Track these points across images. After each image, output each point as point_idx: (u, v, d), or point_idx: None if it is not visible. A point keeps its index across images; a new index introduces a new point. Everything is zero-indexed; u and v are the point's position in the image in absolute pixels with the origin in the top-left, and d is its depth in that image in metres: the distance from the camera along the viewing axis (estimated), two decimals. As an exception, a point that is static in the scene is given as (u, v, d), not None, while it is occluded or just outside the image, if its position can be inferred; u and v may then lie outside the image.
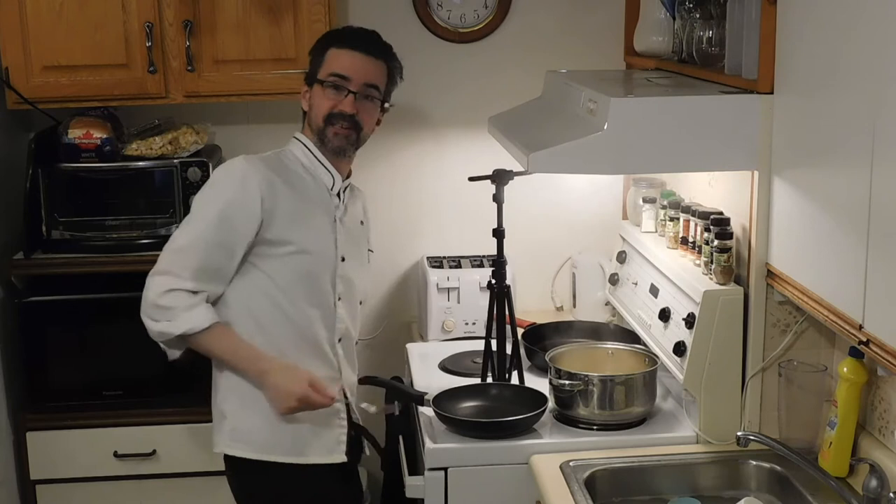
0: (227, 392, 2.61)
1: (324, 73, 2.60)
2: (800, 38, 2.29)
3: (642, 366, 2.82)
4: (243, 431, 2.60)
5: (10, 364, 3.27)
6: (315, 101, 2.63)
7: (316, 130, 2.63)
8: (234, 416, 2.60)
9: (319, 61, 2.62)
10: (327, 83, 2.59)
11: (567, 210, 3.61)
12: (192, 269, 2.52)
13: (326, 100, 2.60)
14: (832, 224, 2.15)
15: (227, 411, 2.61)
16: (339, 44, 2.63)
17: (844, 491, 2.30)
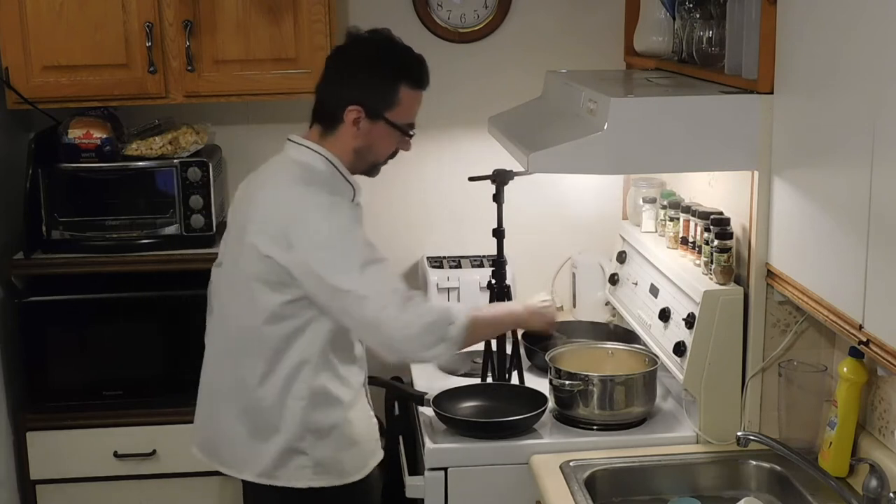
0: (302, 430, 2.48)
1: (400, 117, 2.48)
2: (800, 38, 2.29)
3: (642, 366, 2.83)
4: (326, 464, 2.50)
5: (10, 364, 3.26)
6: (379, 140, 2.50)
7: (367, 162, 2.54)
8: (315, 451, 2.49)
9: (391, 98, 2.47)
10: (407, 133, 2.51)
11: (567, 210, 3.61)
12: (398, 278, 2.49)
13: (394, 143, 2.53)
14: (832, 224, 2.15)
15: (304, 448, 2.48)
16: (413, 84, 2.49)
17: (844, 491, 2.30)
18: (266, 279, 2.43)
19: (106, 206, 3.25)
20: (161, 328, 3.21)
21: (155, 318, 3.21)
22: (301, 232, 2.39)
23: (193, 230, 3.24)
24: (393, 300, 2.39)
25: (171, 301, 3.20)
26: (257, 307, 2.45)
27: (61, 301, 3.22)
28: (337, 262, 2.39)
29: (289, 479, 2.51)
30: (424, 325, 2.41)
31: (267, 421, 2.49)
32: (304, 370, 2.46)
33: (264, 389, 2.48)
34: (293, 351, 2.45)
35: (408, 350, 2.45)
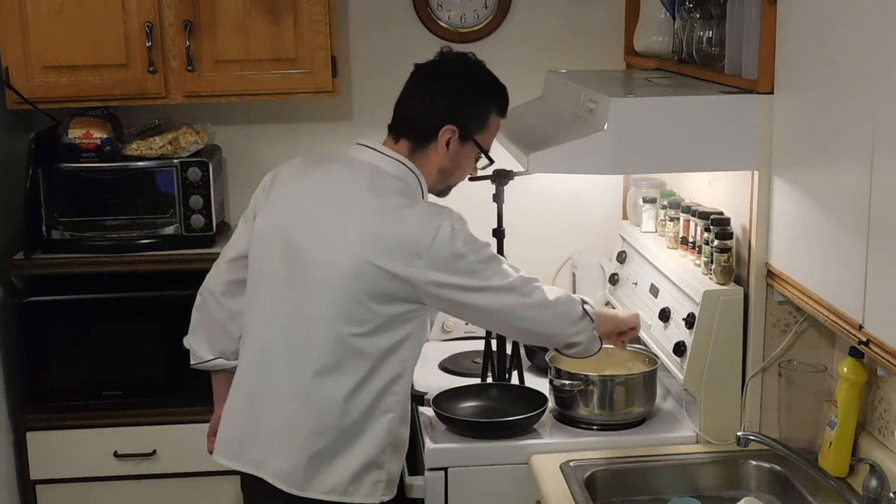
0: (385, 444, 2.40)
1: (486, 141, 2.48)
2: (800, 38, 2.29)
3: (642, 366, 2.83)
4: (394, 476, 2.46)
5: (10, 364, 3.26)
6: (464, 162, 2.48)
7: (447, 184, 2.52)
8: (390, 465, 2.42)
9: (482, 122, 2.46)
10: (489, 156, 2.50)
11: (567, 210, 3.61)
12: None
13: (472, 166, 2.52)
14: (832, 224, 2.15)
15: (384, 462, 2.41)
16: (501, 112, 2.51)
17: (844, 491, 2.30)
18: (375, 293, 2.32)
19: (106, 206, 3.25)
20: (161, 328, 3.21)
21: (155, 318, 3.21)
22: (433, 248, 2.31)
23: (193, 230, 3.24)
24: (538, 287, 2.45)
25: (171, 301, 3.20)
26: (358, 320, 2.34)
27: (61, 301, 3.22)
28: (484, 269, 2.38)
29: (363, 496, 2.40)
30: (566, 302, 2.47)
31: (350, 434, 2.38)
32: (397, 383, 2.40)
33: (355, 401, 2.37)
34: (390, 364, 2.37)
35: (559, 326, 2.47)
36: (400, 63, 3.53)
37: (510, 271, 2.42)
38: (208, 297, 2.63)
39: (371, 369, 2.36)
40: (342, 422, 2.36)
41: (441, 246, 2.31)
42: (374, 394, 2.37)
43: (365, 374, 2.35)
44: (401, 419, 2.43)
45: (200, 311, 2.65)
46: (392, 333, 2.36)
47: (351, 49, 3.46)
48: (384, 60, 3.46)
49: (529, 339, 2.61)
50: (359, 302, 2.32)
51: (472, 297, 2.37)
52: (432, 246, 2.31)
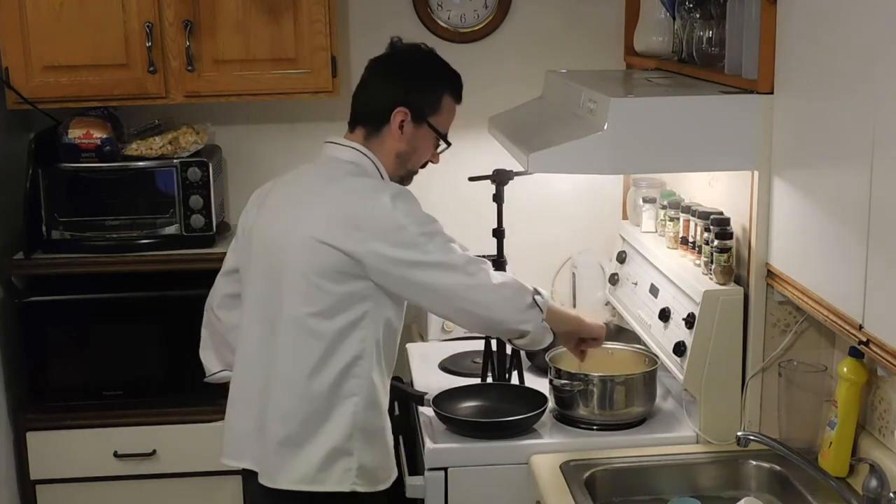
0: (351, 429, 2.41)
1: (441, 124, 2.51)
2: (800, 38, 2.29)
3: (642, 366, 2.83)
4: (368, 467, 2.44)
5: (10, 364, 3.26)
6: (421, 145, 2.51)
7: (406, 170, 2.53)
8: (361, 452, 2.42)
9: (435, 105, 2.50)
10: (446, 140, 2.53)
11: (567, 210, 3.61)
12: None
13: (431, 150, 2.54)
14: (832, 224, 2.15)
15: (353, 449, 2.41)
16: (454, 95, 2.54)
17: (844, 491, 2.30)
18: (324, 270, 2.37)
19: (106, 206, 3.25)
20: (161, 328, 3.21)
21: (155, 318, 3.22)
22: (372, 218, 2.36)
23: (193, 230, 3.24)
24: (483, 269, 2.43)
25: (171, 301, 3.20)
26: (312, 300, 2.38)
27: (61, 301, 3.22)
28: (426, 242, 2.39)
29: (333, 483, 2.41)
30: (515, 288, 2.46)
31: (314, 420, 2.41)
32: (358, 365, 2.41)
33: (315, 385, 2.39)
34: (348, 345, 2.40)
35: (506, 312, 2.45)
36: (400, 63, 3.54)
37: (456, 248, 2.43)
38: (209, 311, 2.72)
39: (327, 350, 2.38)
40: (305, 407, 2.40)
41: (380, 216, 2.36)
42: (334, 376, 2.39)
43: (321, 355, 2.38)
44: (367, 403, 2.43)
45: (206, 326, 2.74)
46: (346, 313, 2.38)
47: (351, 49, 3.46)
48: (384, 60, 3.45)
49: (476, 324, 2.54)
50: (309, 281, 2.37)
51: (414, 272, 2.39)
52: (370, 216, 2.36)
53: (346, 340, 2.39)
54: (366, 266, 2.36)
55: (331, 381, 2.39)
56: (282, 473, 2.42)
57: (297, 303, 2.39)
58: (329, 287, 2.37)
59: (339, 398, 2.41)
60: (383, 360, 2.46)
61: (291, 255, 2.40)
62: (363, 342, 2.41)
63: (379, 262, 2.36)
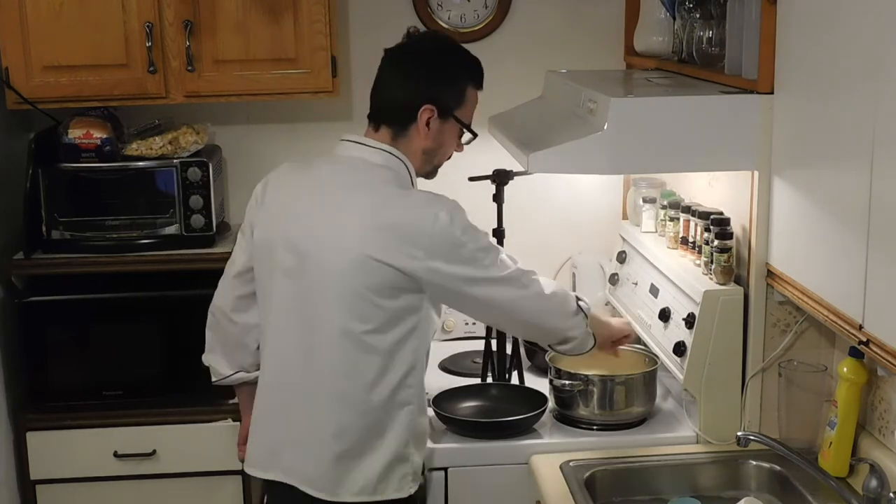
0: (408, 436, 2.40)
1: (466, 116, 2.47)
2: (800, 38, 2.29)
3: (642, 366, 2.83)
4: (419, 469, 2.46)
5: (10, 364, 3.26)
6: (447, 140, 2.47)
7: (434, 165, 2.52)
8: (415, 457, 2.43)
9: (459, 98, 2.46)
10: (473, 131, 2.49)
11: (567, 210, 3.61)
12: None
13: (456, 142, 2.51)
14: (832, 224, 2.15)
15: (409, 455, 2.41)
16: (477, 84, 2.51)
17: (844, 491, 2.30)
18: (378, 287, 2.31)
19: (106, 206, 3.25)
20: (161, 328, 3.21)
21: (155, 318, 3.21)
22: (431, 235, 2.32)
23: (193, 230, 3.23)
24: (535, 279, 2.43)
25: (171, 301, 3.20)
26: (366, 316, 2.33)
27: (61, 301, 3.21)
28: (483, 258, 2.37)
29: (394, 491, 2.40)
30: (562, 297, 2.48)
31: (373, 432, 2.38)
32: (412, 375, 2.39)
33: (374, 399, 2.36)
34: (402, 356, 2.37)
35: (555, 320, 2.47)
36: (400, 63, 3.53)
37: (508, 262, 2.42)
38: (219, 315, 2.62)
39: (384, 365, 2.35)
40: (364, 421, 2.36)
41: (439, 234, 2.31)
42: (391, 389, 2.36)
43: (379, 370, 2.35)
44: (419, 409, 2.43)
45: (213, 329, 2.66)
46: (400, 326, 2.35)
47: (351, 49, 3.46)
48: (384, 60, 3.46)
49: (526, 332, 2.59)
50: (363, 298, 2.31)
51: (472, 288, 2.36)
52: (431, 235, 2.31)
53: (400, 352, 2.37)
54: (422, 282, 2.33)
55: (388, 393, 2.37)
56: (342, 487, 2.38)
57: (348, 318, 2.33)
58: (383, 303, 2.33)
59: (395, 408, 2.38)
60: (425, 367, 2.47)
61: (339, 270, 2.33)
62: (416, 352, 2.39)
63: (437, 278, 2.33)
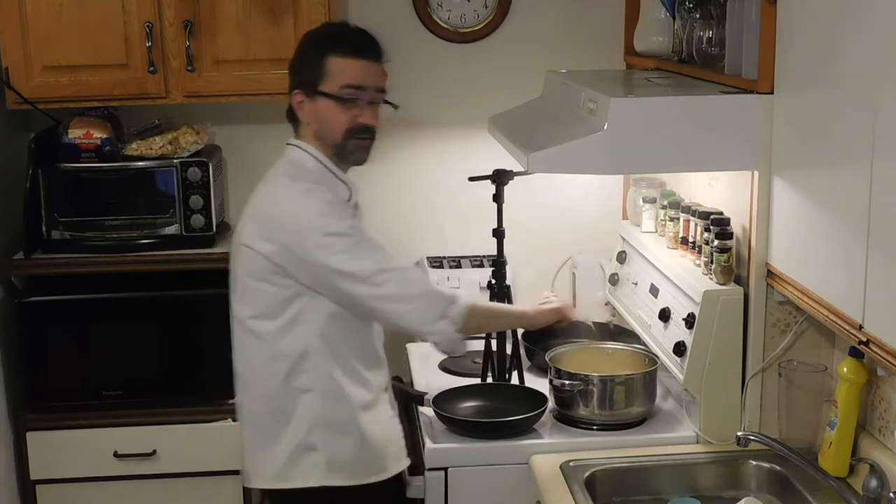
0: (311, 424, 2.47)
1: (332, 85, 2.46)
2: (800, 38, 2.29)
3: (642, 366, 2.82)
4: (339, 461, 2.49)
5: (10, 364, 3.26)
6: (326, 115, 2.49)
7: (332, 145, 2.52)
8: (327, 447, 2.48)
9: (319, 71, 2.47)
10: (343, 97, 2.47)
11: (567, 210, 3.61)
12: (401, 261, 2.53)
13: (342, 113, 2.48)
14: (832, 224, 2.15)
15: (316, 443, 2.47)
16: (340, 51, 2.47)
17: (844, 491, 2.30)
18: (256, 273, 2.45)
19: (106, 206, 3.25)
20: (161, 328, 3.22)
21: (155, 318, 3.22)
22: (289, 222, 2.42)
23: (193, 230, 3.24)
24: (393, 279, 2.43)
25: (171, 301, 3.20)
26: (252, 302, 2.47)
27: (61, 301, 3.22)
28: (334, 245, 2.40)
29: (302, 480, 2.48)
30: (426, 299, 2.46)
31: (278, 418, 2.48)
32: (307, 360, 2.46)
33: (269, 385, 2.47)
34: (290, 342, 2.45)
35: (412, 323, 2.48)
36: (400, 63, 3.53)
37: (362, 258, 2.42)
38: None
39: (272, 351, 2.46)
40: (265, 406, 2.49)
41: (294, 220, 2.41)
42: (284, 374, 2.45)
43: (268, 356, 2.46)
44: (325, 397, 2.47)
45: None
46: (285, 313, 2.44)
47: (351, 49, 3.45)
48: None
49: (390, 329, 2.61)
50: (247, 285, 2.47)
51: (328, 277, 2.42)
52: (287, 219, 2.43)
53: (286, 338, 2.45)
54: (287, 269, 2.42)
55: (281, 379, 2.46)
56: (255, 472, 2.53)
57: (238, 304, 2.51)
58: (262, 288, 2.45)
59: (294, 395, 2.47)
60: (342, 353, 2.48)
61: (235, 259, 2.52)
62: (305, 338, 2.45)
63: (296, 263, 2.41)
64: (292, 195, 2.45)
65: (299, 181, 2.48)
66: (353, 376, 2.49)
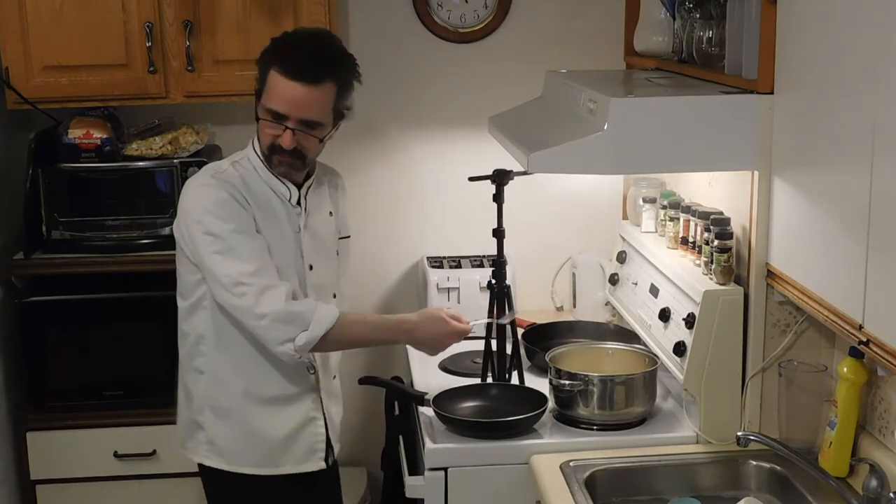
0: (202, 404, 2.62)
1: (264, 101, 2.49)
2: (800, 38, 2.29)
3: (642, 366, 2.82)
4: (218, 444, 2.62)
5: (10, 364, 3.27)
6: (260, 126, 2.53)
7: (261, 154, 2.57)
8: (211, 428, 2.62)
9: (263, 80, 2.49)
10: (261, 116, 2.50)
11: (567, 210, 3.61)
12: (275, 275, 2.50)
13: (265, 129, 2.51)
14: (832, 224, 2.15)
15: (203, 423, 2.62)
16: (280, 67, 2.45)
17: (844, 491, 2.30)
18: (177, 255, 2.60)
19: (106, 206, 3.25)
20: (161, 328, 3.20)
21: (155, 318, 3.21)
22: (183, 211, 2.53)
23: (193, 230, 3.23)
24: (250, 292, 2.46)
25: (171, 301, 3.17)
26: (178, 279, 2.63)
27: (61, 301, 3.22)
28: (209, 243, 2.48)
29: (192, 453, 2.67)
30: (276, 320, 2.46)
31: (184, 391, 2.67)
32: (203, 344, 2.59)
33: (181, 356, 2.65)
34: (192, 324, 2.60)
35: (264, 341, 2.51)
36: (400, 63, 3.55)
37: (229, 264, 2.47)
38: None
39: (183, 328, 2.63)
40: (181, 375, 2.67)
41: (185, 210, 2.53)
42: (187, 351, 2.63)
43: (181, 330, 2.64)
44: (213, 381, 2.59)
45: None
46: (191, 294, 2.58)
47: (351, 49, 3.42)
48: (384, 60, 3.46)
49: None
50: (176, 265, 2.62)
51: (204, 270, 2.52)
52: (183, 208, 2.54)
53: (191, 319, 2.60)
54: (185, 251, 2.55)
55: (185, 353, 2.64)
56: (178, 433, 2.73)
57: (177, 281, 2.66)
58: (179, 267, 2.61)
59: (194, 374, 2.63)
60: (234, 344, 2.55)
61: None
62: (203, 322, 2.58)
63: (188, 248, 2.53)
64: (192, 188, 2.55)
65: (207, 175, 2.56)
66: (243, 367, 2.58)
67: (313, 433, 2.66)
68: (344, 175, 2.84)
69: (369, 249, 3.56)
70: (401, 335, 2.73)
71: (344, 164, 2.71)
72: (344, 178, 2.84)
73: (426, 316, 2.71)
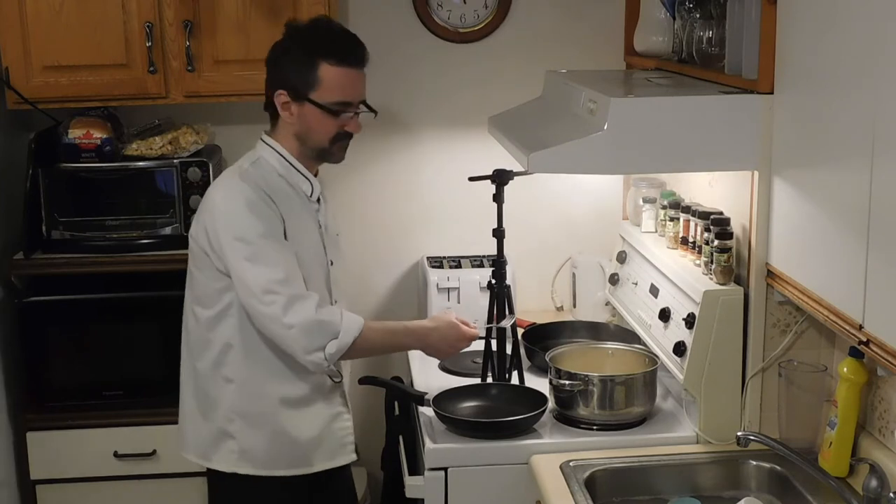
0: (230, 413, 2.58)
1: (324, 97, 2.49)
2: (800, 38, 2.29)
3: (642, 366, 2.82)
4: (251, 451, 2.58)
5: (10, 364, 3.27)
6: (313, 122, 2.52)
7: (315, 147, 2.56)
8: (242, 436, 2.58)
9: (311, 78, 2.49)
10: (334, 110, 2.50)
11: (567, 210, 3.61)
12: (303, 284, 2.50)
13: (331, 122, 2.52)
14: (832, 224, 2.15)
15: (233, 432, 2.58)
16: (332, 59, 2.48)
17: (844, 491, 2.30)
18: (196, 260, 2.57)
19: (106, 206, 3.25)
20: (161, 328, 3.21)
21: (155, 318, 3.21)
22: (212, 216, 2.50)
23: (193, 230, 3.23)
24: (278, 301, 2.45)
25: (171, 301, 3.18)
26: (192, 286, 2.60)
27: (61, 301, 3.22)
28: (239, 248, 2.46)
29: (218, 463, 2.61)
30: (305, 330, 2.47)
31: (205, 399, 2.61)
32: (230, 353, 2.55)
33: (198, 366, 2.60)
34: (218, 333, 2.56)
35: (291, 350, 2.51)
36: (400, 63, 3.55)
37: (259, 271, 2.46)
38: None
39: (206, 337, 2.57)
40: (193, 385, 2.62)
41: (215, 214, 2.50)
42: (212, 361, 2.57)
43: (202, 340, 2.58)
44: (244, 390, 2.56)
45: None
46: (219, 303, 2.54)
47: (351, 49, 3.45)
48: (384, 60, 3.46)
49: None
50: (192, 273, 2.59)
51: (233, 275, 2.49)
52: (211, 213, 2.51)
53: (217, 327, 2.56)
54: (211, 257, 2.51)
55: (210, 364, 2.58)
56: (190, 442, 2.64)
57: (188, 290, 2.62)
58: (201, 277, 2.56)
59: (218, 382, 2.59)
60: (262, 350, 2.54)
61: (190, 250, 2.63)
62: (231, 330, 2.54)
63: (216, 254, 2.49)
64: (221, 191, 2.54)
65: (234, 177, 2.54)
66: (274, 372, 2.56)
67: (341, 427, 2.67)
68: (344, 174, 2.85)
69: (369, 249, 3.57)
70: (415, 341, 2.76)
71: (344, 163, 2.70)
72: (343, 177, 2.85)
73: (440, 321, 2.75)
